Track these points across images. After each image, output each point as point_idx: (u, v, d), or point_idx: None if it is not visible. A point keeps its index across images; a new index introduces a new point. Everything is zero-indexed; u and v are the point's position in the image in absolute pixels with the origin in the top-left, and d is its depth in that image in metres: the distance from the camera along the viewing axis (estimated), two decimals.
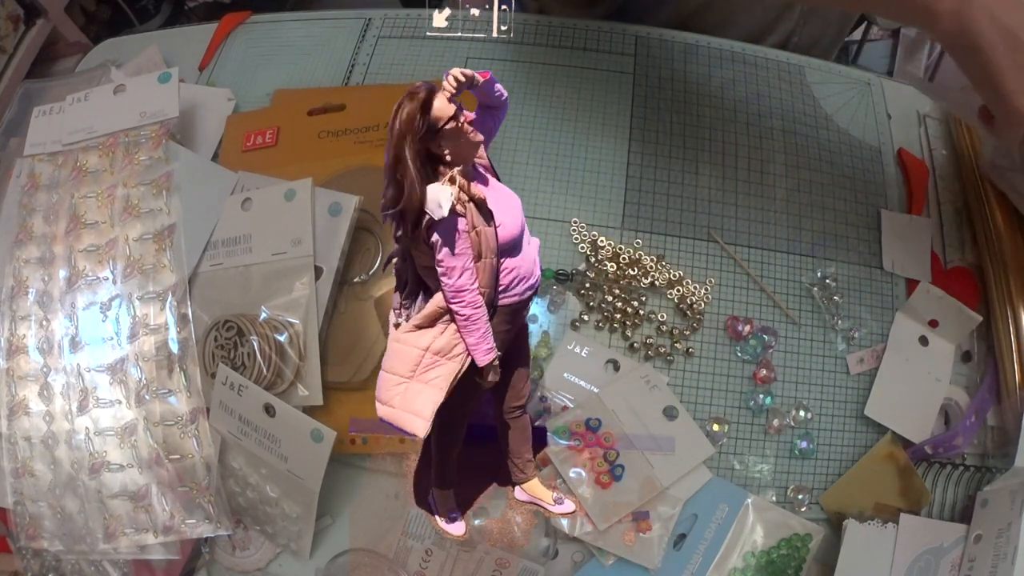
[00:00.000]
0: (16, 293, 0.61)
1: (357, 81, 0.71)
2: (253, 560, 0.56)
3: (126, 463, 0.55)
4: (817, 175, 0.66)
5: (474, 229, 0.37)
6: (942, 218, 0.66)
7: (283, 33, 0.76)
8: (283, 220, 0.59)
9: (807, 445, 0.57)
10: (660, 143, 0.66)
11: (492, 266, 0.39)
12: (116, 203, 0.61)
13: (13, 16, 1.24)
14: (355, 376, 0.57)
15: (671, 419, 0.56)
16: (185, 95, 0.65)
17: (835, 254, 0.63)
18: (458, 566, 0.53)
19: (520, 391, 0.47)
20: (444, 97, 0.36)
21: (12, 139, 0.71)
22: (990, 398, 0.59)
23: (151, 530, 0.54)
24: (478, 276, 0.38)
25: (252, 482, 0.55)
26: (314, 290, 0.57)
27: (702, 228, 0.63)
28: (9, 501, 0.57)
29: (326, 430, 0.52)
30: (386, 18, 0.74)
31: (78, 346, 0.58)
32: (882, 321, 0.61)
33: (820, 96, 0.70)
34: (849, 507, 0.56)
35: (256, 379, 0.55)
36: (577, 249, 0.61)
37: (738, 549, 0.54)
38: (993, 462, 0.58)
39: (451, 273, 0.37)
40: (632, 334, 0.59)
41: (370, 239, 0.60)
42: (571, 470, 0.54)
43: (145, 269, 0.58)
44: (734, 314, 0.60)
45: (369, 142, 0.64)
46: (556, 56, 0.70)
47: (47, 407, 0.58)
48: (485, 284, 0.39)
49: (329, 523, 0.56)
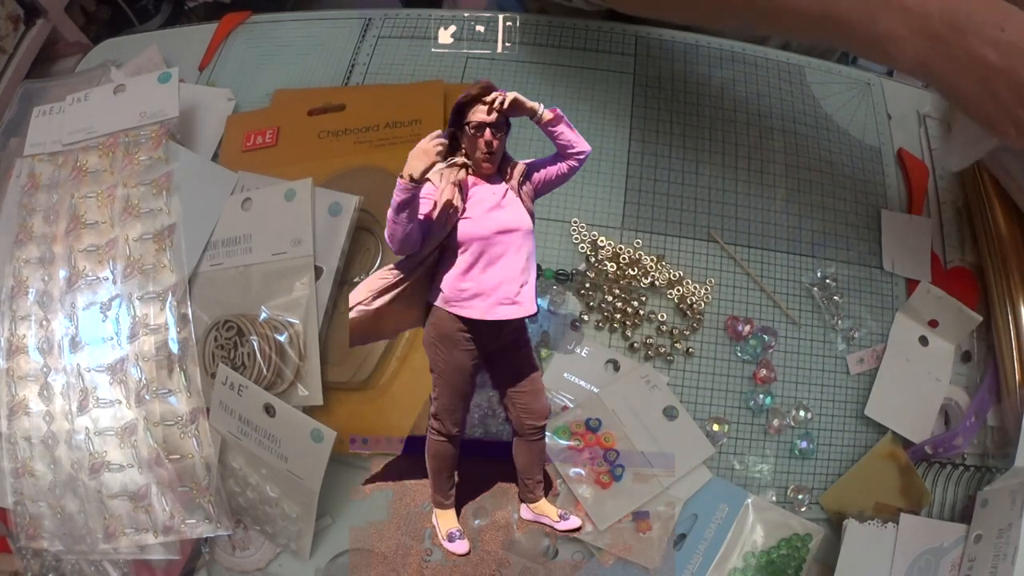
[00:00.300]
0: (16, 293, 0.61)
1: (357, 81, 0.71)
2: (253, 560, 0.56)
3: (126, 463, 0.55)
4: (817, 175, 0.66)
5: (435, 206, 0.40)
6: (942, 218, 0.66)
7: (283, 33, 0.76)
8: (283, 220, 0.59)
9: (807, 445, 0.57)
10: (660, 143, 0.66)
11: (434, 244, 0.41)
12: (116, 203, 0.61)
13: (13, 16, 1.24)
14: (355, 376, 0.57)
15: (671, 419, 0.56)
16: (185, 95, 0.65)
17: (835, 254, 0.63)
18: (458, 566, 0.53)
19: (534, 409, 0.46)
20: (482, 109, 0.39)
21: (12, 139, 0.71)
22: (990, 398, 0.59)
23: (151, 530, 0.54)
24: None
25: (252, 482, 0.55)
26: (314, 290, 0.57)
27: (702, 228, 0.63)
28: (9, 501, 0.57)
29: (326, 430, 0.52)
30: (386, 18, 0.74)
31: (78, 346, 0.58)
32: (882, 321, 0.61)
33: (820, 96, 0.70)
34: (849, 507, 0.56)
35: (256, 379, 0.55)
36: (577, 249, 0.61)
37: (738, 549, 0.54)
38: (993, 462, 0.58)
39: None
40: (632, 334, 0.59)
41: (370, 239, 0.60)
42: (571, 470, 0.54)
43: (145, 269, 0.58)
44: (734, 314, 0.60)
45: (369, 142, 0.64)
46: (556, 56, 0.70)
47: (47, 407, 0.58)
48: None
49: (329, 523, 0.56)
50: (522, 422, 0.47)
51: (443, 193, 0.40)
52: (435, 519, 0.50)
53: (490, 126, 0.39)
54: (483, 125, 0.39)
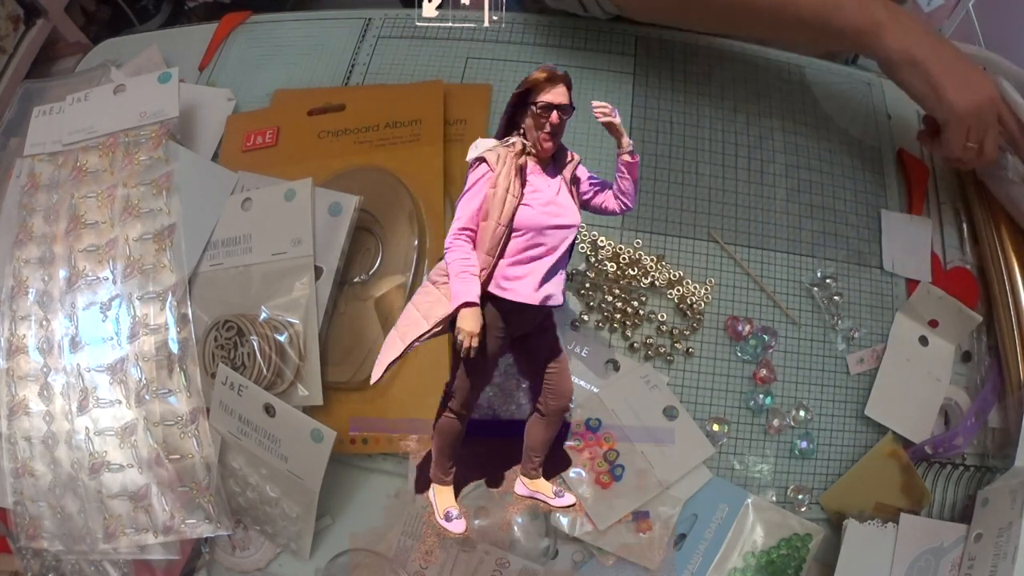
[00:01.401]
0: (16, 293, 0.61)
1: (357, 81, 0.71)
2: (253, 560, 0.56)
3: (126, 463, 0.55)
4: (817, 175, 0.66)
5: (495, 187, 0.40)
6: (942, 218, 0.66)
7: (283, 33, 0.76)
8: (283, 220, 0.59)
9: (807, 445, 0.57)
10: (660, 143, 0.66)
11: (496, 233, 0.41)
12: (116, 203, 0.61)
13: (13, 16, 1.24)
14: (355, 376, 0.57)
15: (671, 419, 0.56)
16: (185, 95, 0.65)
17: (835, 254, 0.63)
18: (458, 566, 0.53)
19: (561, 390, 0.47)
20: (564, 90, 0.41)
21: (12, 139, 0.71)
22: (992, 398, 0.59)
23: (151, 530, 0.54)
24: (480, 234, 0.41)
25: (252, 482, 0.55)
26: (314, 290, 0.57)
27: (702, 228, 0.63)
28: (9, 501, 0.57)
29: (326, 430, 0.52)
30: (386, 18, 0.74)
31: (78, 346, 0.58)
32: (882, 321, 0.61)
33: (820, 96, 0.70)
34: (849, 507, 0.56)
35: (256, 379, 0.55)
36: (577, 249, 0.61)
37: (738, 549, 0.54)
38: (993, 462, 0.58)
39: (457, 211, 0.42)
40: (632, 334, 0.59)
41: (370, 239, 0.60)
42: (571, 470, 0.54)
43: (145, 269, 0.58)
44: (734, 314, 0.60)
45: (369, 142, 0.64)
46: (556, 56, 0.70)
47: (47, 407, 0.58)
48: (484, 246, 0.41)
49: (329, 523, 0.56)
50: (548, 402, 0.47)
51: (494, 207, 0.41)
52: (432, 496, 0.49)
53: (558, 107, 0.41)
54: (551, 106, 0.41)
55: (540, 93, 0.41)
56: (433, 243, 0.60)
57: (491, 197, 0.41)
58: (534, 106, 0.41)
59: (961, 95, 0.56)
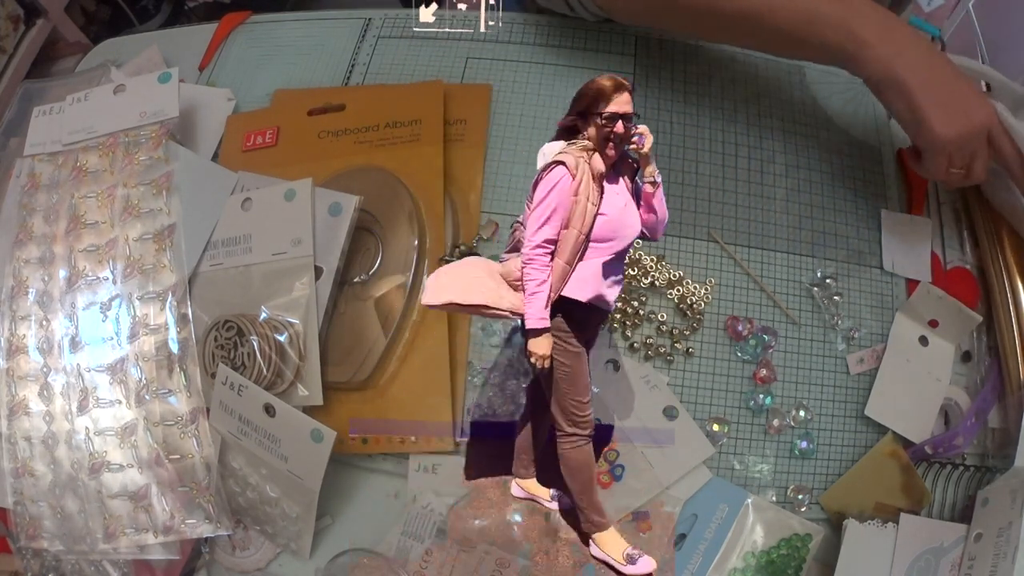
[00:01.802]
0: (16, 293, 0.61)
1: (357, 81, 0.71)
2: (253, 560, 0.56)
3: (126, 463, 0.55)
4: (817, 175, 0.66)
5: (577, 195, 0.40)
6: (942, 218, 0.66)
7: (283, 33, 0.76)
8: (283, 220, 0.59)
9: (807, 445, 0.57)
10: (660, 143, 0.66)
11: (577, 242, 0.40)
12: (116, 203, 0.61)
13: (13, 16, 1.24)
14: (355, 376, 0.57)
15: (671, 419, 0.56)
16: (185, 95, 0.65)
17: (835, 254, 0.63)
18: (458, 566, 0.53)
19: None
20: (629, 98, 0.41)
21: (12, 139, 0.71)
22: (992, 398, 0.59)
23: (151, 530, 0.54)
24: (560, 243, 0.40)
25: (252, 482, 0.55)
26: (314, 290, 0.57)
27: (702, 228, 0.63)
28: (9, 501, 0.57)
29: (326, 430, 0.52)
30: (386, 18, 0.74)
31: (78, 346, 0.58)
32: (882, 321, 0.61)
33: (820, 96, 0.70)
34: (849, 507, 0.56)
35: (256, 379, 0.55)
36: None
37: (738, 549, 0.54)
38: (993, 462, 0.58)
39: (536, 220, 0.40)
40: (632, 334, 0.59)
41: (370, 239, 0.60)
42: None
43: (145, 269, 0.58)
44: (734, 314, 0.60)
45: (369, 142, 0.64)
46: (556, 56, 0.70)
47: (47, 407, 0.58)
48: (564, 255, 0.40)
49: (329, 523, 0.56)
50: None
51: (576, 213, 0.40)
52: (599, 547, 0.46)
53: (623, 117, 0.41)
54: (617, 116, 0.40)
55: (605, 102, 0.41)
56: (433, 243, 0.60)
57: (574, 206, 0.40)
58: (599, 116, 0.40)
59: (944, 123, 0.54)
